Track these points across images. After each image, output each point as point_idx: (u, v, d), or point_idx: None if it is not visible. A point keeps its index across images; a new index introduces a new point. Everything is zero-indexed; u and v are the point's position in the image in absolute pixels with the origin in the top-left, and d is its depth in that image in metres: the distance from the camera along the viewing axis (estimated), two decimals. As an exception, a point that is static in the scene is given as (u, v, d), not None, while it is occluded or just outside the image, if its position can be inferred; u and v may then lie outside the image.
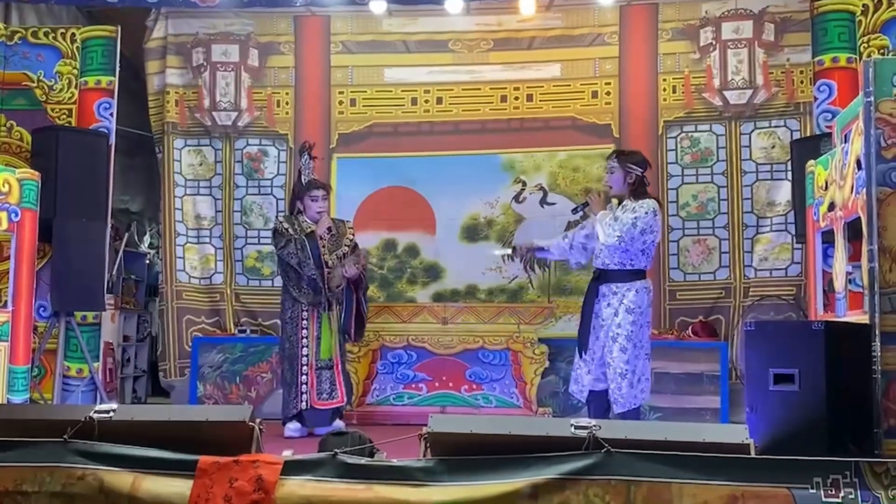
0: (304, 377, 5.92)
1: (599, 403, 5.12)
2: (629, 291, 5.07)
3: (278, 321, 6.41)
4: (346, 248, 6.10)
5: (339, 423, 5.90)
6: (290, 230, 5.98)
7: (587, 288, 5.28)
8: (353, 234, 6.25)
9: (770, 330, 3.81)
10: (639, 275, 5.14)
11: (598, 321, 5.11)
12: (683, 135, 7.20)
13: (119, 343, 7.85)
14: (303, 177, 6.14)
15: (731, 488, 3.16)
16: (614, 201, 5.23)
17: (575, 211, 5.52)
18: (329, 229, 6.07)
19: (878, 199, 3.57)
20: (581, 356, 5.18)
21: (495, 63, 7.50)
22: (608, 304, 5.10)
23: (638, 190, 5.15)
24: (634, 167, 5.14)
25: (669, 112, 7.25)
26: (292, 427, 5.89)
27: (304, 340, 5.96)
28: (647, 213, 5.02)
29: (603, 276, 5.15)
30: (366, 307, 6.27)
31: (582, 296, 5.40)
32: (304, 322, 5.97)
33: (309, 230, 5.98)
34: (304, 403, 5.89)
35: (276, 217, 6.56)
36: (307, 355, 5.95)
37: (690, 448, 3.24)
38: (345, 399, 6.06)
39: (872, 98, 3.63)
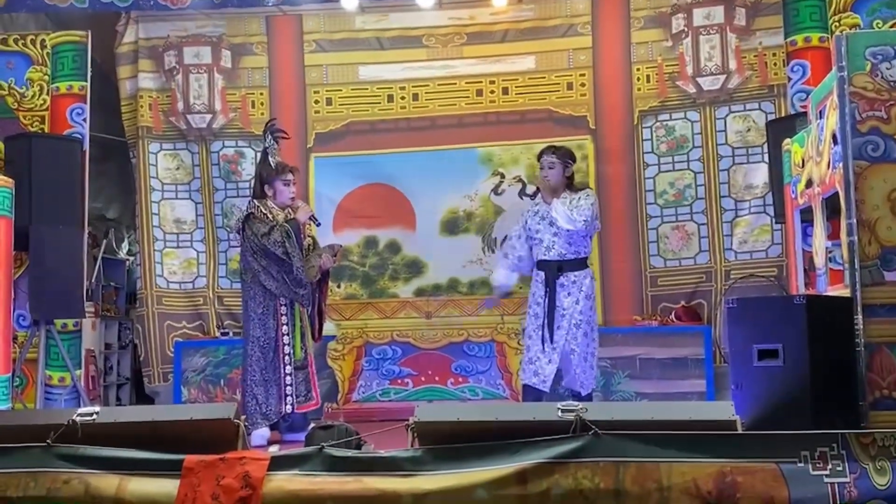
0: (288, 377, 5.51)
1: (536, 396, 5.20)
2: (586, 279, 5.36)
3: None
4: (310, 239, 5.81)
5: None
6: (270, 216, 5.58)
7: (542, 281, 5.35)
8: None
9: (752, 306, 3.80)
10: (587, 263, 5.45)
11: (559, 311, 5.25)
12: (658, 123, 7.20)
13: (101, 351, 7.76)
14: (270, 159, 5.74)
15: (719, 465, 3.18)
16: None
17: (532, 196, 5.84)
18: (312, 217, 5.74)
19: (855, 173, 3.58)
20: (542, 348, 5.24)
21: (469, 57, 7.48)
22: (568, 294, 5.29)
23: (571, 181, 5.48)
24: (571, 161, 5.48)
25: (644, 101, 7.24)
26: (263, 433, 5.40)
27: (286, 338, 5.55)
28: (595, 200, 5.37)
29: (559, 267, 5.32)
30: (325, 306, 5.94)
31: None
32: (284, 318, 5.57)
33: (287, 217, 5.61)
34: (289, 406, 5.48)
35: (250, 202, 5.76)
36: (289, 353, 5.55)
37: (677, 427, 3.26)
38: (319, 401, 5.75)
39: (846, 73, 3.63)
